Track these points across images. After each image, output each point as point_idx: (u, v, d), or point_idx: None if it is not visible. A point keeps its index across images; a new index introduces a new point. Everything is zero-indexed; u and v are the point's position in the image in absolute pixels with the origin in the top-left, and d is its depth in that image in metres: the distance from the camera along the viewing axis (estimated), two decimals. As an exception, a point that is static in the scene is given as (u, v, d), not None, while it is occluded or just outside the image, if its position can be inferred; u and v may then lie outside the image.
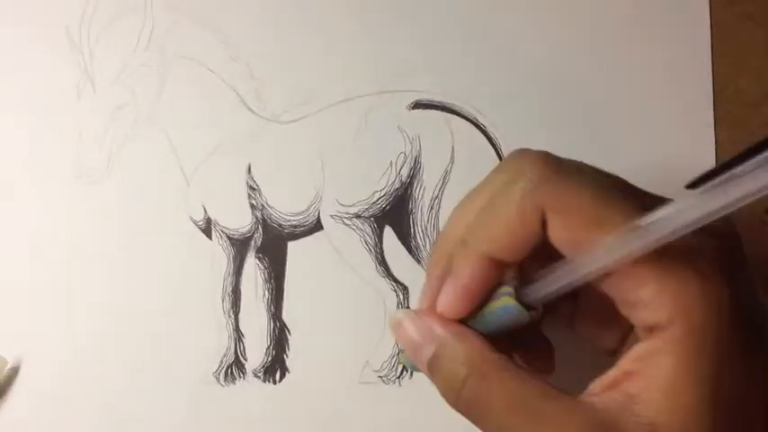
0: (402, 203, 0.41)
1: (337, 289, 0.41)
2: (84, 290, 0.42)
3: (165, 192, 0.42)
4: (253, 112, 0.42)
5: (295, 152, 0.42)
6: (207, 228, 0.42)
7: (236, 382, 0.41)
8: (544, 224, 0.25)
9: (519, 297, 0.27)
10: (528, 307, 0.27)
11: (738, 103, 0.39)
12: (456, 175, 0.40)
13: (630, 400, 0.24)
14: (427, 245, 0.40)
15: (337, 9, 0.42)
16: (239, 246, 0.42)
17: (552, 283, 0.26)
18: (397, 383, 0.40)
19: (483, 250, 0.26)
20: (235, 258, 0.42)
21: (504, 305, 0.26)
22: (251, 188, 0.42)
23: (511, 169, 0.27)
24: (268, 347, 0.41)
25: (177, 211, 0.42)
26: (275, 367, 0.41)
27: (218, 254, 0.42)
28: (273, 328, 0.41)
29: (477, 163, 0.40)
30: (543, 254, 0.26)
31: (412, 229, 0.41)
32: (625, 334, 0.28)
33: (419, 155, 0.41)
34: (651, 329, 0.24)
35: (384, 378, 0.40)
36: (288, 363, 0.41)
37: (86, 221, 0.42)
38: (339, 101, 0.42)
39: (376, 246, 0.41)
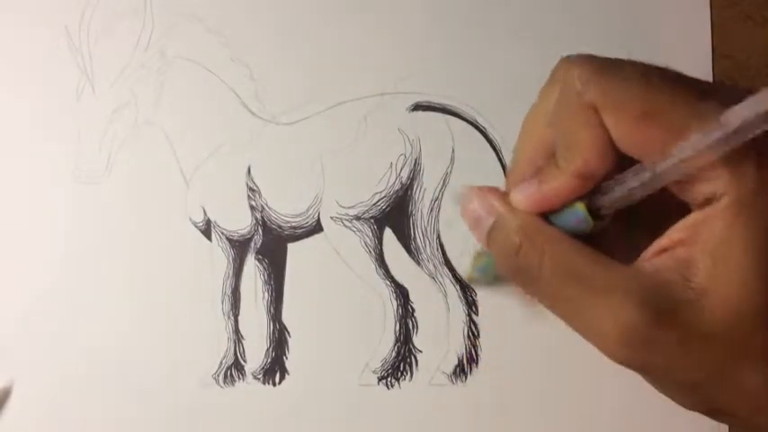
0: (402, 205, 0.41)
1: (337, 291, 0.41)
2: (82, 291, 0.42)
3: (165, 193, 0.42)
4: (253, 113, 0.42)
5: (295, 154, 0.42)
6: (207, 229, 0.42)
7: (236, 383, 0.41)
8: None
9: (589, 204, 0.27)
10: (596, 216, 0.27)
11: (739, 105, 0.39)
12: (456, 177, 0.40)
13: (681, 264, 0.24)
14: (427, 247, 0.40)
15: (337, 11, 0.42)
16: (239, 247, 0.42)
17: (623, 184, 0.26)
18: (396, 385, 0.40)
19: (573, 169, 0.26)
20: (234, 260, 0.42)
21: (573, 209, 0.27)
22: (251, 189, 0.42)
23: (560, 77, 0.27)
24: (267, 349, 0.41)
25: (177, 213, 0.42)
26: (275, 369, 0.41)
27: (217, 255, 0.42)
28: (273, 330, 0.41)
29: (476, 164, 0.40)
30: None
31: (412, 231, 0.41)
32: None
33: (419, 156, 0.41)
34: (703, 203, 0.24)
35: (383, 380, 0.40)
36: (287, 364, 0.41)
37: (86, 222, 0.42)
38: (339, 103, 0.41)
39: (376, 247, 0.41)
